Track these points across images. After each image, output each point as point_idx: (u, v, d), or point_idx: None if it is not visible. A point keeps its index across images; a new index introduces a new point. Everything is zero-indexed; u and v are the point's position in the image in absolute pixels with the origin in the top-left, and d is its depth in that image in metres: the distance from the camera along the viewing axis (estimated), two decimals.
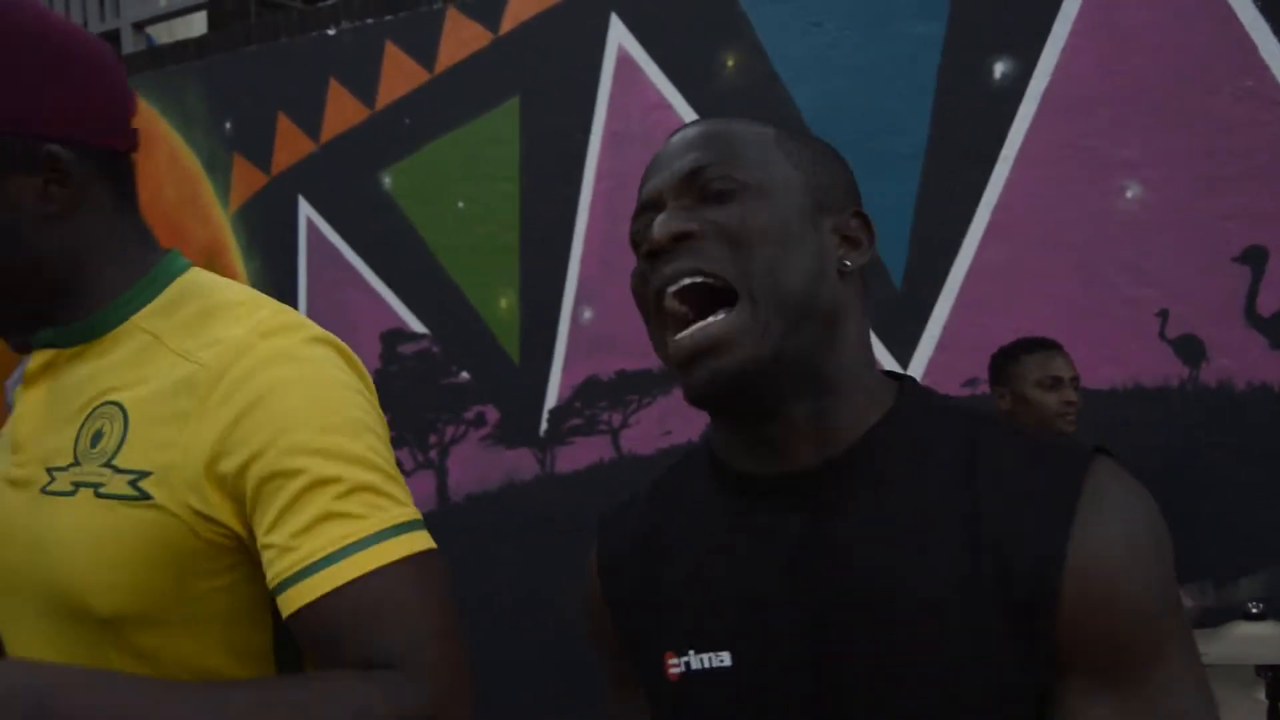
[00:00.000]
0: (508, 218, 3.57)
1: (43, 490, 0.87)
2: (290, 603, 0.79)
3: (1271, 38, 2.55)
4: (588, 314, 3.46)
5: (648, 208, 0.86)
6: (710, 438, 0.92)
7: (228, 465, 0.82)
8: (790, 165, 0.86)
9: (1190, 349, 2.67)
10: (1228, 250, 2.63)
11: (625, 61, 3.34)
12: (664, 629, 0.88)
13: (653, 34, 3.29)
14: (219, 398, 0.83)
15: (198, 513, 0.83)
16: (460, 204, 3.65)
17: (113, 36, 4.49)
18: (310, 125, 4.05)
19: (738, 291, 0.79)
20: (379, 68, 3.86)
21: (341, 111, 3.97)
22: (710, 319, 0.79)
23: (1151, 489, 0.80)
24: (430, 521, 0.91)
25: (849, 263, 0.86)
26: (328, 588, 0.78)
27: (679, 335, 0.80)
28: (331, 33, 3.99)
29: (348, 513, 0.80)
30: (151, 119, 4.38)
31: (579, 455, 3.48)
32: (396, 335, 3.80)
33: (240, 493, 0.82)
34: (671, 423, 3.34)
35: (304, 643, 0.83)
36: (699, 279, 0.80)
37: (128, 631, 0.85)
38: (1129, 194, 2.74)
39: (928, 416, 0.85)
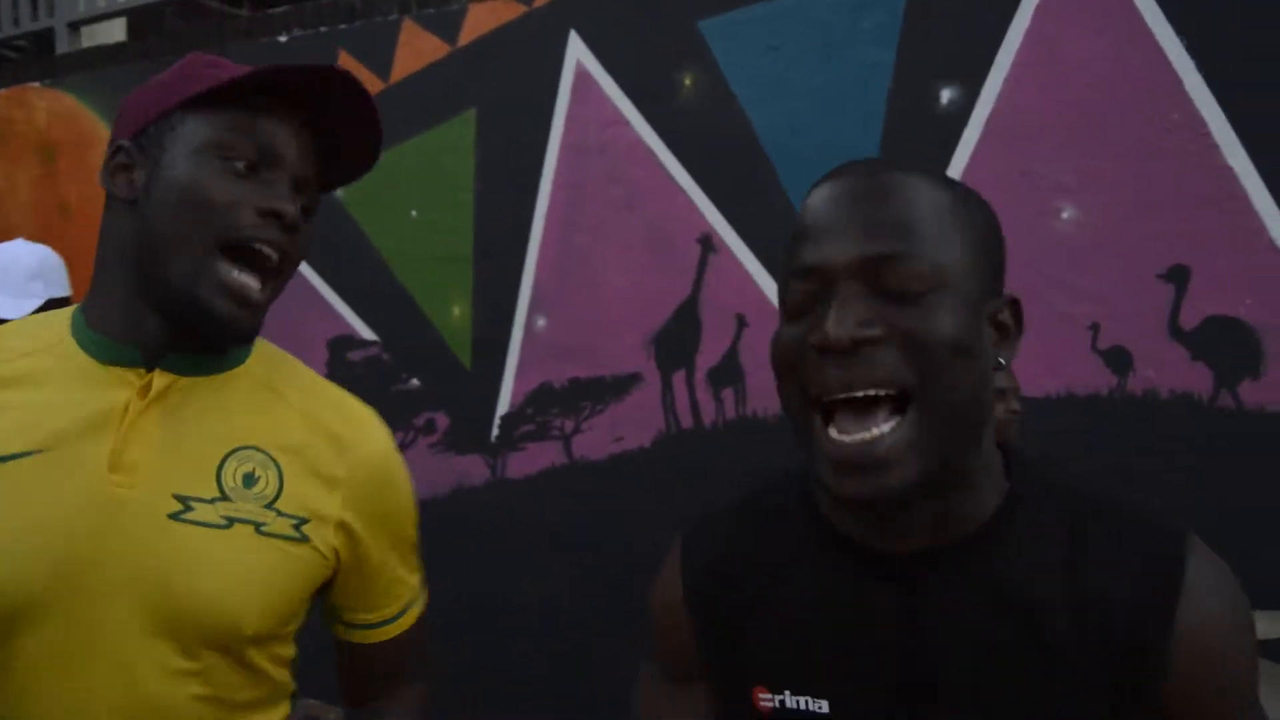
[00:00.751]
0: (462, 227, 3.61)
1: (172, 516, 0.93)
2: (372, 636, 1.16)
3: (1196, 75, 2.75)
4: (541, 322, 3.52)
5: (813, 275, 0.83)
6: (796, 487, 0.98)
7: (363, 523, 1.07)
8: (965, 245, 0.84)
9: (1119, 360, 2.86)
10: (1154, 269, 2.82)
11: (583, 77, 3.43)
12: (757, 662, 0.94)
13: (611, 52, 3.38)
14: (358, 474, 1.06)
15: (335, 551, 1.03)
16: (414, 213, 3.68)
17: (45, 35, 4.36)
18: None
19: (912, 400, 0.79)
20: None
21: None
22: (878, 430, 0.78)
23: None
24: None
25: (1003, 360, 0.86)
26: (404, 628, 1.20)
27: (841, 437, 0.79)
28: (283, 40, 3.99)
29: (403, 580, 1.20)
30: (89, 121, 4.32)
31: (530, 461, 3.52)
32: (345, 342, 3.81)
33: (365, 543, 1.07)
34: (624, 429, 3.42)
35: (366, 662, 1.15)
36: (873, 392, 0.79)
37: (252, 646, 0.97)
38: (1065, 215, 2.92)
39: (1038, 499, 0.89)
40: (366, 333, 3.77)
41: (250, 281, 0.94)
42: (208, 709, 0.96)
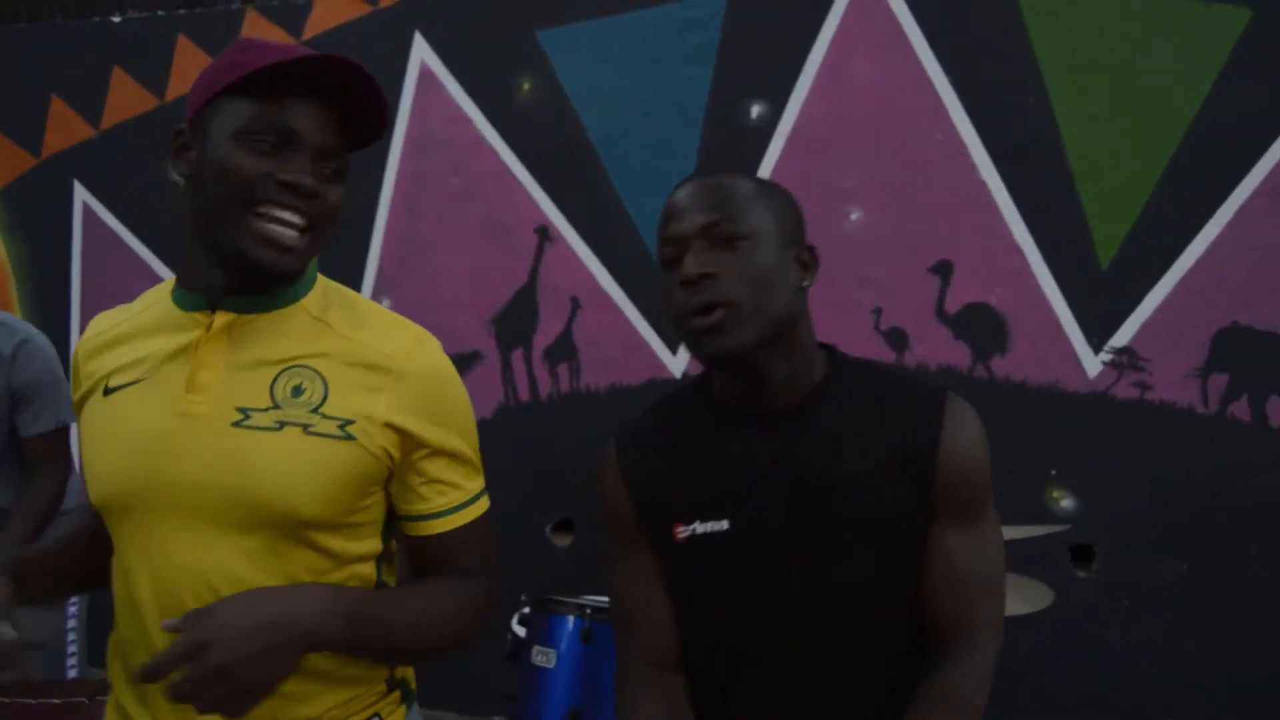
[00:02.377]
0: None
1: (235, 425, 1.15)
2: (426, 528, 1.26)
3: (956, 100, 3.31)
4: (385, 303, 3.73)
5: (673, 241, 1.27)
6: (699, 384, 1.38)
7: (411, 425, 1.20)
8: (769, 213, 1.29)
9: (897, 339, 3.38)
10: (924, 263, 3.36)
11: (427, 75, 3.67)
12: (673, 507, 1.32)
13: (454, 54, 3.64)
14: (401, 383, 1.20)
15: (385, 450, 1.20)
16: None
17: None
18: (89, 110, 4.04)
19: (739, 309, 1.22)
20: (170, 60, 3.93)
21: (125, 99, 4.00)
22: (713, 315, 1.21)
23: None
24: None
25: (805, 284, 1.32)
26: (453, 525, 1.27)
27: (698, 320, 1.22)
28: (117, 20, 4.02)
29: (458, 484, 1.27)
30: None
31: None
32: None
33: (409, 443, 1.21)
34: None
35: (421, 553, 1.27)
36: (717, 306, 1.22)
37: (312, 532, 1.17)
38: (853, 216, 3.42)
39: (848, 371, 1.35)
40: None
41: (284, 231, 1.13)
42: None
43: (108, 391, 1.21)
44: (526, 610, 2.39)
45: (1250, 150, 3.25)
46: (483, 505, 1.31)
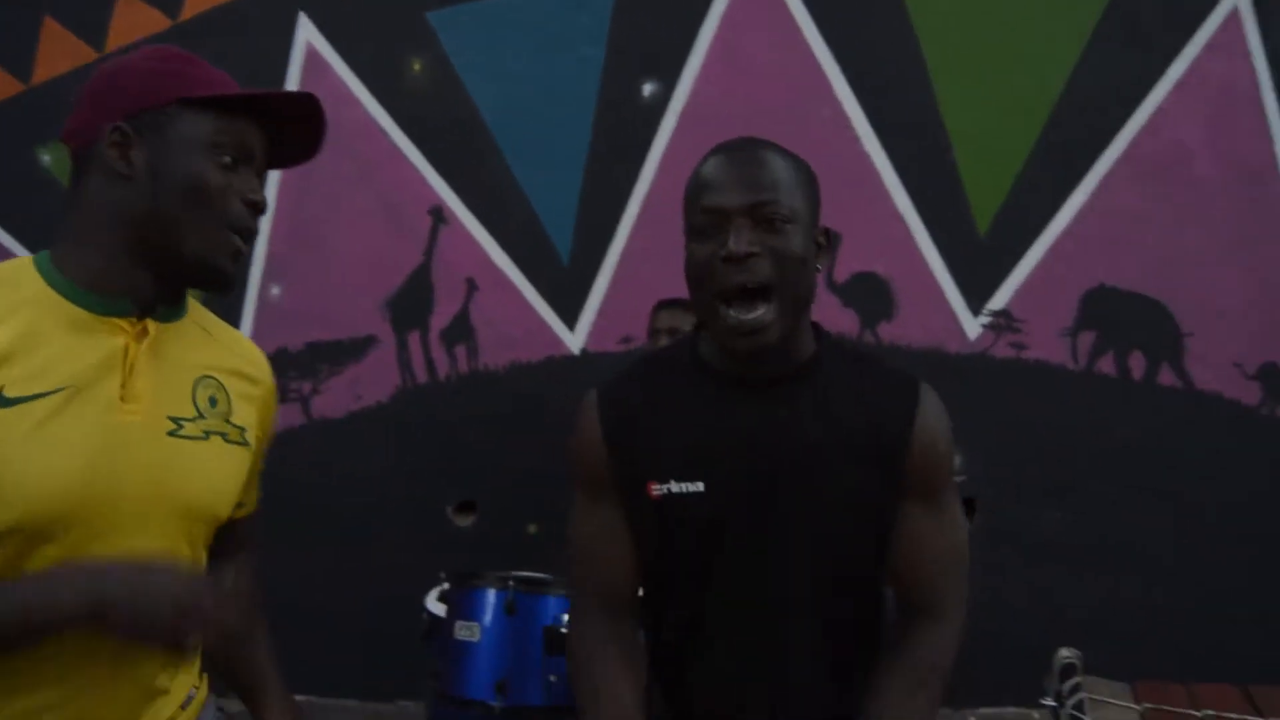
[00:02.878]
0: None
1: (170, 434, 1.18)
2: (244, 512, 1.38)
3: (842, 79, 3.43)
4: (275, 290, 3.67)
5: (714, 212, 1.28)
6: (687, 344, 1.41)
7: (267, 430, 1.36)
8: (804, 196, 1.32)
9: None
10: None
11: (314, 57, 3.61)
12: (652, 465, 1.36)
13: (342, 35, 3.59)
14: (265, 394, 1.34)
15: (255, 452, 1.32)
16: None
17: None
18: None
19: (775, 292, 1.26)
20: (35, 42, 3.77)
21: None
22: (757, 311, 1.25)
23: None
24: None
25: (819, 266, 1.36)
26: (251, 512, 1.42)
27: (739, 315, 1.25)
28: None
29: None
30: None
31: None
32: None
33: (256, 449, 1.34)
34: (362, 389, 3.65)
35: (231, 532, 1.36)
36: (759, 304, 1.26)
37: (215, 528, 1.27)
38: None
39: (834, 350, 1.41)
40: None
41: (241, 244, 1.20)
42: None
43: (7, 401, 1.09)
44: (446, 587, 2.41)
45: (1113, 122, 3.47)
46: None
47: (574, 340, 3.60)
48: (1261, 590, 3.52)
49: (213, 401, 1.24)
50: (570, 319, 3.59)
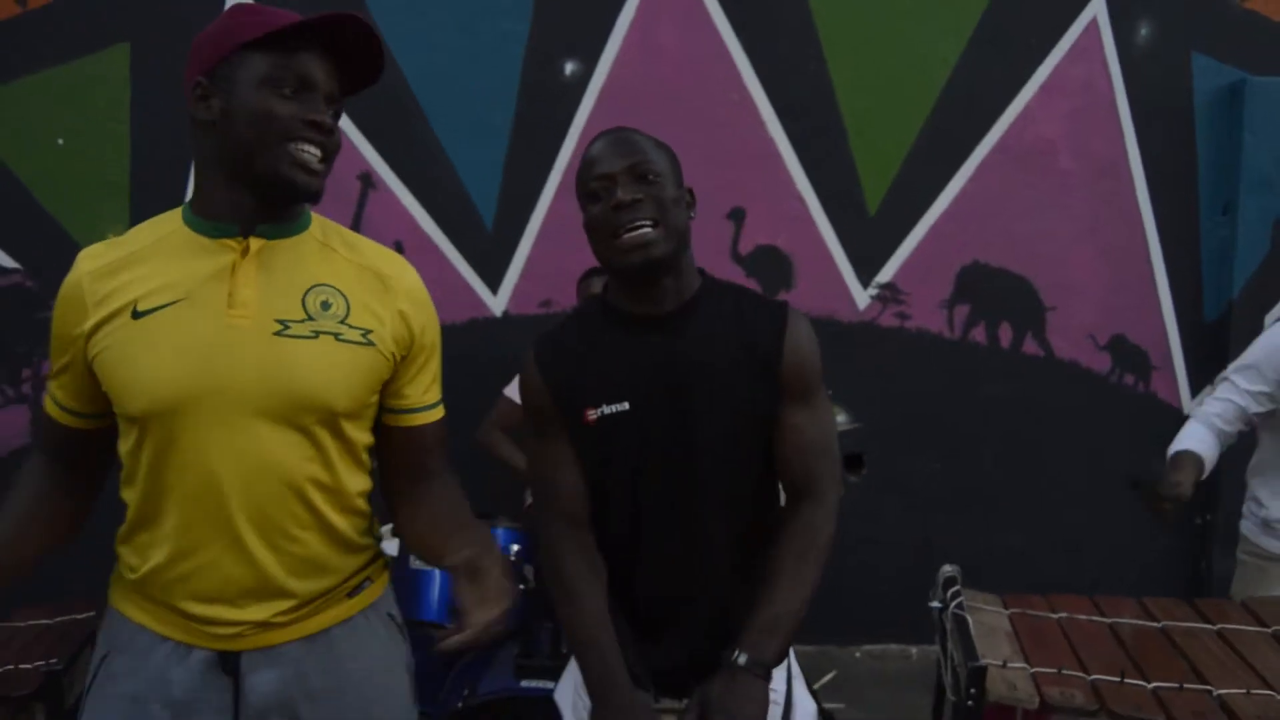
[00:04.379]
0: (117, 156, 3.72)
1: (276, 334, 1.35)
2: (417, 419, 1.51)
3: (749, 65, 3.73)
4: None
5: (602, 178, 1.56)
6: (597, 303, 1.67)
7: (414, 330, 1.47)
8: (667, 160, 1.62)
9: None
10: (721, 210, 3.77)
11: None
12: (585, 395, 1.61)
13: (270, 3, 3.69)
14: (403, 296, 1.45)
15: (393, 352, 1.44)
16: (60, 140, 3.72)
17: None
18: None
19: (659, 222, 1.54)
20: None
21: None
22: (644, 228, 1.52)
23: None
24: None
25: (691, 214, 1.66)
26: (434, 419, 1.54)
27: (629, 235, 1.52)
28: None
29: (435, 384, 1.54)
30: None
31: None
32: None
33: (408, 346, 1.46)
34: None
35: (408, 443, 1.52)
36: (645, 222, 1.53)
37: (342, 421, 1.40)
38: None
39: (715, 287, 1.68)
40: (6, 260, 3.74)
41: (311, 159, 1.34)
42: (312, 470, 1.38)
43: (138, 314, 1.33)
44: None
45: (987, 116, 3.86)
46: (443, 410, 1.57)
47: (496, 303, 3.80)
48: (1106, 526, 4.00)
49: (325, 305, 1.39)
50: (493, 282, 3.79)
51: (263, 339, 1.35)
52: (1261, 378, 2.37)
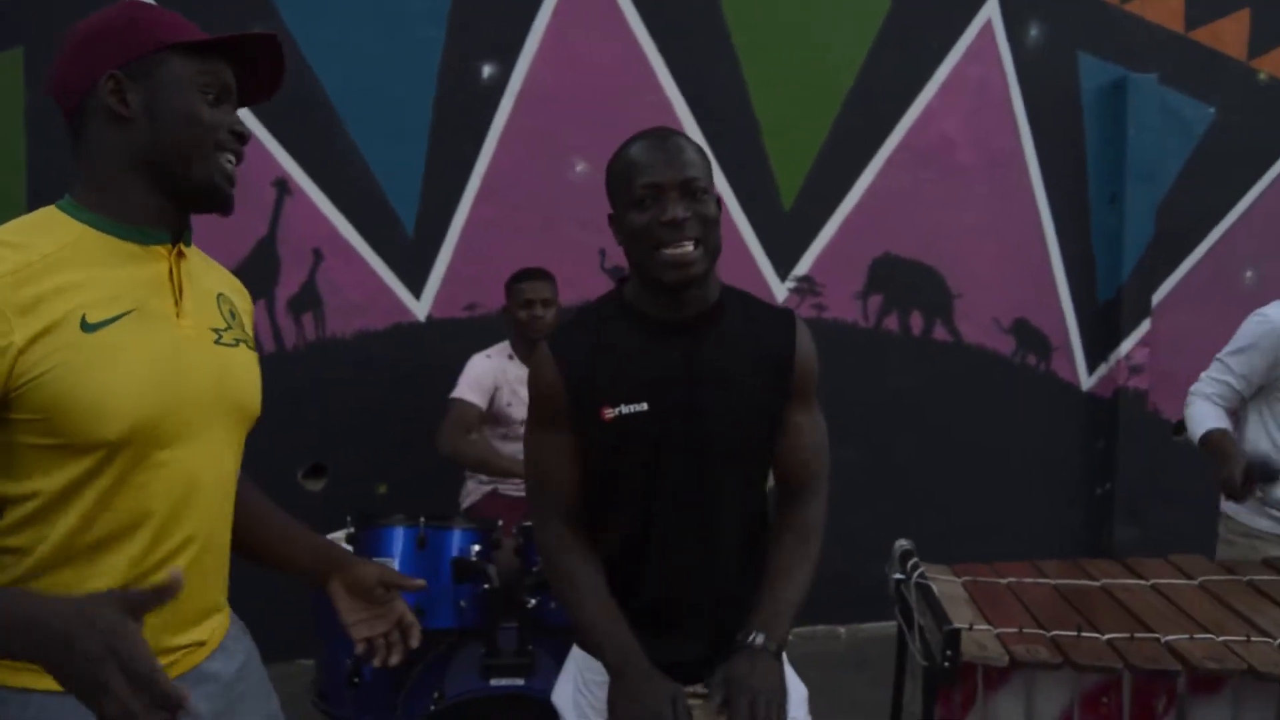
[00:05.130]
0: (11, 165, 3.59)
1: (215, 343, 1.35)
2: None
3: (664, 66, 3.81)
4: None
5: (651, 187, 1.57)
6: (612, 299, 1.70)
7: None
8: (709, 173, 1.63)
9: (618, 277, 3.83)
10: None
11: None
12: (603, 394, 1.63)
13: (178, 6, 3.59)
14: (250, 309, 1.51)
15: None
16: None
17: None
18: None
19: (701, 242, 1.56)
20: None
21: None
22: (687, 247, 1.54)
23: None
24: None
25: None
26: None
27: (671, 251, 1.54)
28: None
29: None
30: None
31: None
32: None
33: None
34: None
35: None
36: (689, 242, 1.54)
37: (249, 429, 1.43)
38: (577, 169, 3.83)
39: (731, 295, 1.72)
40: None
41: (233, 164, 1.33)
42: (235, 475, 1.40)
43: (90, 327, 1.21)
44: (352, 530, 2.57)
45: (892, 115, 4.02)
46: None
47: (420, 307, 3.79)
48: (1015, 503, 4.21)
49: (231, 314, 1.41)
50: (416, 288, 3.78)
51: (208, 349, 1.35)
52: (1250, 364, 2.53)
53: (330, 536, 2.88)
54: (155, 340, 1.26)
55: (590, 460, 1.67)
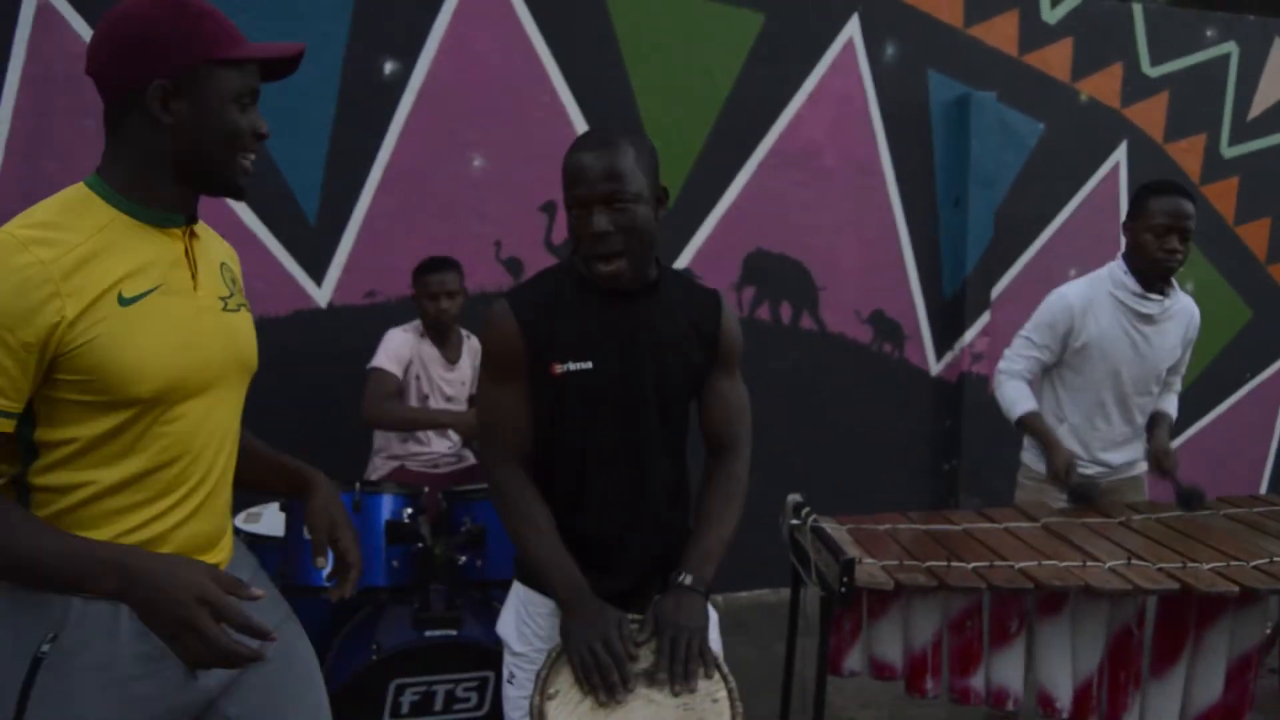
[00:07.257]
0: None
1: (223, 310, 1.53)
2: None
3: (557, 69, 4.06)
4: None
5: (579, 201, 1.71)
6: (566, 268, 1.85)
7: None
8: (644, 172, 1.76)
9: (514, 266, 4.07)
10: (534, 203, 4.07)
11: (47, 10, 3.61)
12: (553, 350, 1.80)
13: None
14: (239, 269, 1.68)
15: None
16: None
17: None
18: None
19: (625, 254, 1.73)
20: None
21: None
22: (613, 265, 1.71)
23: None
24: None
25: (660, 214, 1.83)
26: None
27: (600, 266, 1.72)
28: None
29: None
30: None
31: None
32: None
33: None
34: None
35: None
36: (615, 254, 1.71)
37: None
38: (476, 163, 4.03)
39: (668, 272, 1.91)
40: None
41: (251, 165, 1.49)
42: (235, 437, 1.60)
43: (126, 301, 1.38)
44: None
45: (764, 122, 4.38)
46: None
47: (321, 294, 3.92)
48: (874, 477, 4.62)
49: (233, 282, 1.59)
50: (318, 275, 3.91)
51: (219, 316, 1.52)
52: (1052, 337, 2.88)
53: (262, 507, 3.04)
54: (179, 311, 1.45)
55: (536, 410, 1.83)
